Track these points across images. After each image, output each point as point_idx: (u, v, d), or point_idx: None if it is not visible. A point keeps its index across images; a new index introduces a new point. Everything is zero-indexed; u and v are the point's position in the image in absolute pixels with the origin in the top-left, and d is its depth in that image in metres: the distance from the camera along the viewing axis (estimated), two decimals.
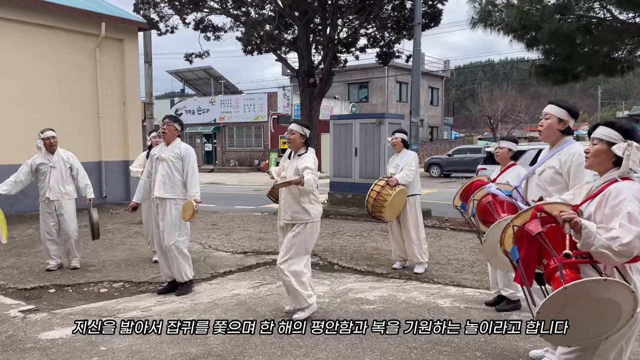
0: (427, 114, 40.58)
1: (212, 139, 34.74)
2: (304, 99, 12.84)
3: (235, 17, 13.18)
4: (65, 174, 6.51)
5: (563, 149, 3.47)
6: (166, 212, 5.29)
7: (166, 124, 5.45)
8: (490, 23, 8.64)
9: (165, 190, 5.30)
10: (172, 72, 38.16)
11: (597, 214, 2.40)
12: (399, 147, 6.45)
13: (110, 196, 13.00)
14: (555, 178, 3.45)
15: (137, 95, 14.22)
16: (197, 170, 5.47)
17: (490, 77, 68.86)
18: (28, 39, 11.53)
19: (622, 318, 2.21)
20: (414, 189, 6.42)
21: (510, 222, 2.59)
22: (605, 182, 2.46)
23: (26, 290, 5.64)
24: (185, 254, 5.42)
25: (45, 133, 6.49)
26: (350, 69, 31.09)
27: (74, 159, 6.64)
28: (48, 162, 6.44)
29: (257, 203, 14.01)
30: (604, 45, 8.67)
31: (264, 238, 8.58)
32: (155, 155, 5.45)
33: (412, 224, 6.33)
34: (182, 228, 5.38)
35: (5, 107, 11.10)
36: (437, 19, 13.04)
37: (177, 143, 5.50)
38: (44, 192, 6.44)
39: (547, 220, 2.48)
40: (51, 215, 6.47)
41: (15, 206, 10.98)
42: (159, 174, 5.33)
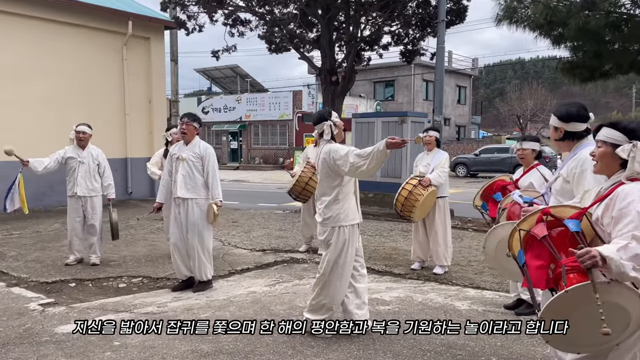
0: (454, 113, 40.07)
1: (238, 137, 35.04)
2: (327, 96, 12.81)
3: (260, 15, 13.22)
4: (93, 171, 6.58)
5: (574, 155, 3.24)
6: (189, 212, 5.32)
7: (185, 124, 5.40)
8: (516, 20, 8.46)
9: (187, 190, 5.32)
10: (200, 71, 38.62)
11: (605, 217, 2.31)
12: (432, 145, 6.33)
13: (136, 192, 13.20)
14: (564, 187, 3.24)
15: (163, 93, 14.41)
16: (217, 170, 5.47)
17: (521, 76, 67.54)
18: (56, 37, 11.77)
19: (632, 324, 2.10)
20: (444, 190, 6.30)
21: (516, 226, 2.51)
22: (613, 185, 2.36)
23: (47, 284, 5.75)
24: (209, 253, 5.45)
25: (79, 127, 6.58)
26: (376, 67, 30.96)
27: (103, 157, 6.73)
28: (77, 157, 6.52)
29: (279, 201, 14.03)
30: (635, 42, 8.38)
31: (283, 236, 8.58)
32: (175, 155, 5.46)
33: (440, 226, 6.23)
34: (206, 227, 5.40)
35: (33, 105, 11.36)
36: (462, 15, 12.82)
37: (196, 142, 5.48)
38: (71, 187, 6.53)
39: (554, 224, 2.39)
40: (77, 211, 6.56)
41: (43, 201, 11.25)
42: (180, 174, 5.34)
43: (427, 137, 6.32)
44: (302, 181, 6.98)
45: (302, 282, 5.85)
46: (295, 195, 7.17)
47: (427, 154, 6.38)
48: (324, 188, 4.13)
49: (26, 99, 11.28)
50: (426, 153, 6.41)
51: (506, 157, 23.40)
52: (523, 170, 4.81)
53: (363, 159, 3.76)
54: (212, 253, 5.58)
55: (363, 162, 3.76)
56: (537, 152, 4.81)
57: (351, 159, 3.82)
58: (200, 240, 5.36)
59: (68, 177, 6.58)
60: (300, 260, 6.99)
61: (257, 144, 34.39)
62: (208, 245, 5.48)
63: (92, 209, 6.57)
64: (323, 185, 4.14)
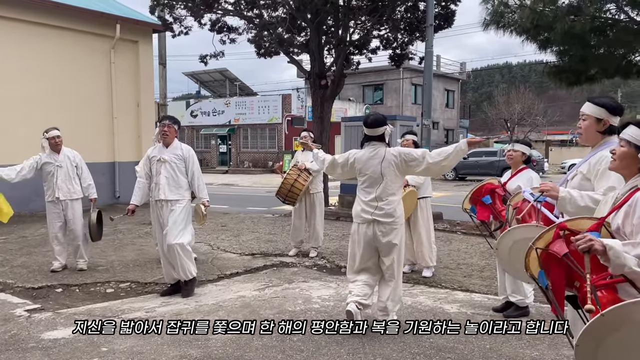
0: (443, 117, 40.28)
1: (227, 141, 34.95)
2: (316, 100, 12.80)
3: (248, 19, 13.20)
4: (72, 173, 6.50)
5: (597, 152, 3.08)
6: (171, 212, 5.29)
7: (167, 126, 5.37)
8: (503, 24, 8.53)
9: (171, 192, 5.30)
10: (188, 74, 38.46)
11: (626, 225, 2.16)
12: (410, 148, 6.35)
13: (124, 196, 13.07)
14: (583, 184, 3.11)
15: (151, 97, 14.33)
16: (200, 171, 5.50)
17: (508, 80, 68.15)
18: (43, 40, 11.67)
19: None
20: (425, 191, 6.35)
21: (532, 244, 2.32)
22: (630, 190, 2.23)
23: (34, 289, 5.68)
24: (188, 250, 5.37)
25: (50, 132, 6.42)
26: (365, 71, 31.03)
27: (80, 158, 6.65)
28: (54, 162, 6.41)
29: (268, 204, 13.99)
30: (620, 46, 8.49)
31: (273, 240, 8.56)
32: (156, 157, 5.40)
33: (424, 227, 6.26)
34: (186, 227, 5.37)
35: (20, 108, 11.23)
36: (450, 20, 12.89)
37: (177, 144, 5.47)
38: (52, 192, 6.42)
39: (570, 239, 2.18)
40: (58, 216, 6.47)
41: (29, 206, 11.12)
42: (162, 176, 5.30)
43: (405, 142, 6.31)
44: (287, 183, 6.99)
45: (292, 286, 5.84)
46: (283, 198, 7.16)
47: None
48: (393, 189, 4.34)
49: (12, 101, 11.16)
50: None
51: (494, 160, 23.60)
52: (511, 173, 4.86)
53: (444, 159, 4.20)
54: (192, 251, 5.53)
55: (444, 161, 4.21)
56: (527, 157, 4.86)
57: (430, 159, 4.23)
58: (180, 240, 5.26)
59: (46, 182, 6.45)
60: (289, 264, 6.97)
61: (247, 147, 34.31)
62: (185, 244, 5.33)
63: (72, 213, 6.48)
64: (392, 186, 4.33)
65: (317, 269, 6.74)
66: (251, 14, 13.05)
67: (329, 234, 8.69)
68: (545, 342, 4.08)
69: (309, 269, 6.76)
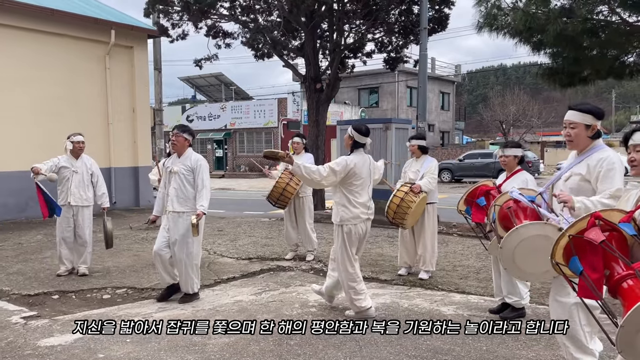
0: (438, 119, 40.39)
1: (223, 145, 34.93)
2: (311, 104, 12.82)
3: (243, 23, 13.22)
4: (86, 180, 6.55)
5: (592, 155, 3.26)
6: (179, 225, 5.23)
7: (174, 135, 5.38)
8: (496, 27, 8.57)
9: (179, 204, 5.26)
10: (184, 79, 38.50)
11: None
12: (417, 153, 6.38)
13: (120, 202, 13.08)
14: (582, 185, 3.26)
15: (147, 102, 14.34)
16: (208, 183, 5.33)
17: (503, 82, 68.35)
18: (38, 46, 11.67)
19: None
20: (433, 197, 6.37)
21: (564, 232, 2.37)
22: None
23: (30, 296, 5.66)
24: (196, 265, 5.36)
25: (75, 137, 6.54)
26: (360, 74, 31.10)
27: (96, 167, 6.71)
28: (71, 167, 6.46)
29: (265, 209, 13.96)
30: (612, 48, 8.55)
31: (270, 244, 8.56)
32: (169, 168, 5.42)
33: (429, 232, 6.29)
34: (194, 240, 5.29)
35: (15, 114, 11.23)
36: (444, 23, 12.95)
37: (188, 154, 5.42)
38: (64, 197, 6.46)
39: (604, 229, 2.28)
40: (68, 221, 6.49)
41: (25, 212, 11.11)
42: (172, 188, 5.30)
43: (411, 147, 6.38)
44: (279, 186, 6.99)
45: (289, 290, 5.84)
46: (274, 201, 7.16)
47: (416, 160, 6.42)
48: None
49: (7, 107, 11.15)
50: (415, 160, 6.45)
51: (490, 162, 23.64)
52: (506, 175, 4.89)
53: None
54: (199, 267, 5.51)
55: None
56: (520, 158, 4.90)
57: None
58: (188, 254, 5.26)
59: (60, 186, 6.51)
60: (286, 268, 6.98)
61: (243, 151, 34.30)
62: (196, 259, 5.36)
63: (82, 219, 6.52)
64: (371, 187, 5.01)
65: (314, 273, 6.74)
66: (246, 18, 13.07)
67: (325, 237, 8.70)
68: (541, 343, 4.10)
69: (305, 272, 6.76)
